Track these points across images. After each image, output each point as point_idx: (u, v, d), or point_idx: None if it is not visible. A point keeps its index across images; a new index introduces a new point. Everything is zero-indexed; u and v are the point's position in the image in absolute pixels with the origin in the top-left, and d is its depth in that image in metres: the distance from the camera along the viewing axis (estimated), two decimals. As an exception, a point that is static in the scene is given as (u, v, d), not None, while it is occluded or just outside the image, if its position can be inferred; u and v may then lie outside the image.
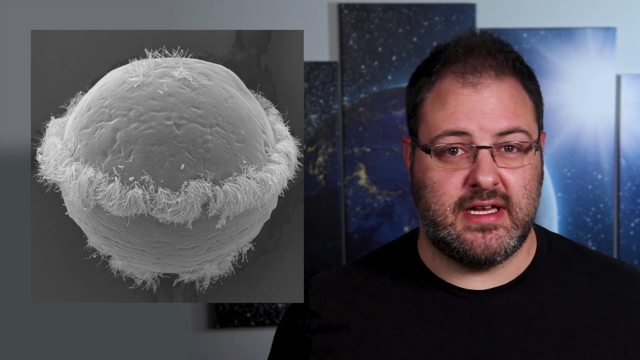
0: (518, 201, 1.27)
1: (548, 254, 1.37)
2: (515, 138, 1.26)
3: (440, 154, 1.28)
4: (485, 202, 1.26)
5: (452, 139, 1.27)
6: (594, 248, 2.27)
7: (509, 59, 1.29)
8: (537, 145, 1.29)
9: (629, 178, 2.30)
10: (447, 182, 1.27)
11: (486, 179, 1.24)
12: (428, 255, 1.37)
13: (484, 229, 1.26)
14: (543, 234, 1.40)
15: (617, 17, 2.30)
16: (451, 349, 1.30)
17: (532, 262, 1.36)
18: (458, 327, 1.31)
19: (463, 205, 1.27)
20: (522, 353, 1.29)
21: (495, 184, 1.25)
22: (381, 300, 1.37)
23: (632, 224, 2.31)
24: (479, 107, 1.26)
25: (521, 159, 1.27)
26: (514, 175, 1.27)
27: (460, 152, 1.27)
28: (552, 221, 2.29)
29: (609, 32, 2.26)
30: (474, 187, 1.26)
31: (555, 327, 1.31)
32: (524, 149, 1.27)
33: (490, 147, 1.25)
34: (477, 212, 1.27)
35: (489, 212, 1.27)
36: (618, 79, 2.29)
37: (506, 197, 1.26)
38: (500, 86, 1.28)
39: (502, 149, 1.26)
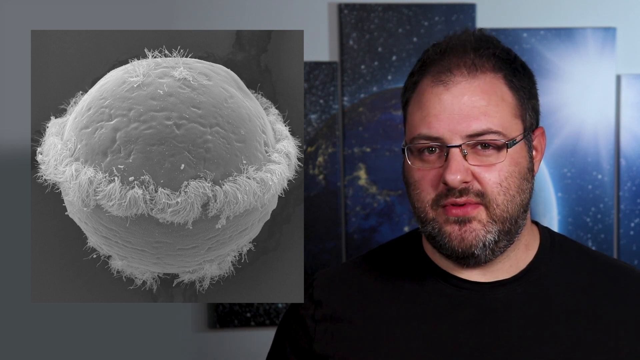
0: (494, 198, 1.27)
1: (551, 251, 1.38)
2: (487, 138, 1.27)
3: (419, 153, 1.30)
4: (459, 200, 1.27)
5: (426, 142, 1.28)
6: (594, 248, 2.27)
7: (484, 55, 1.29)
8: (510, 142, 1.28)
9: (629, 178, 2.30)
10: (424, 181, 1.30)
11: (453, 177, 1.25)
12: (430, 249, 1.38)
13: (460, 222, 1.28)
14: (546, 233, 1.41)
15: (617, 17, 2.30)
16: (455, 341, 1.31)
17: (534, 258, 1.37)
18: (462, 320, 1.32)
19: (440, 203, 1.28)
20: (525, 346, 1.31)
21: (466, 182, 1.27)
22: (386, 293, 1.38)
23: (632, 224, 2.31)
24: (448, 107, 1.27)
25: (496, 156, 1.28)
26: (489, 173, 1.27)
27: (437, 150, 1.29)
28: (552, 221, 2.29)
29: (609, 32, 2.26)
30: (446, 185, 1.27)
31: (557, 321, 1.32)
32: (497, 147, 1.28)
33: (460, 145, 1.26)
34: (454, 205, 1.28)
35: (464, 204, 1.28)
36: (618, 79, 2.29)
37: (481, 194, 1.27)
38: (472, 83, 1.28)
39: (479, 147, 1.27)
